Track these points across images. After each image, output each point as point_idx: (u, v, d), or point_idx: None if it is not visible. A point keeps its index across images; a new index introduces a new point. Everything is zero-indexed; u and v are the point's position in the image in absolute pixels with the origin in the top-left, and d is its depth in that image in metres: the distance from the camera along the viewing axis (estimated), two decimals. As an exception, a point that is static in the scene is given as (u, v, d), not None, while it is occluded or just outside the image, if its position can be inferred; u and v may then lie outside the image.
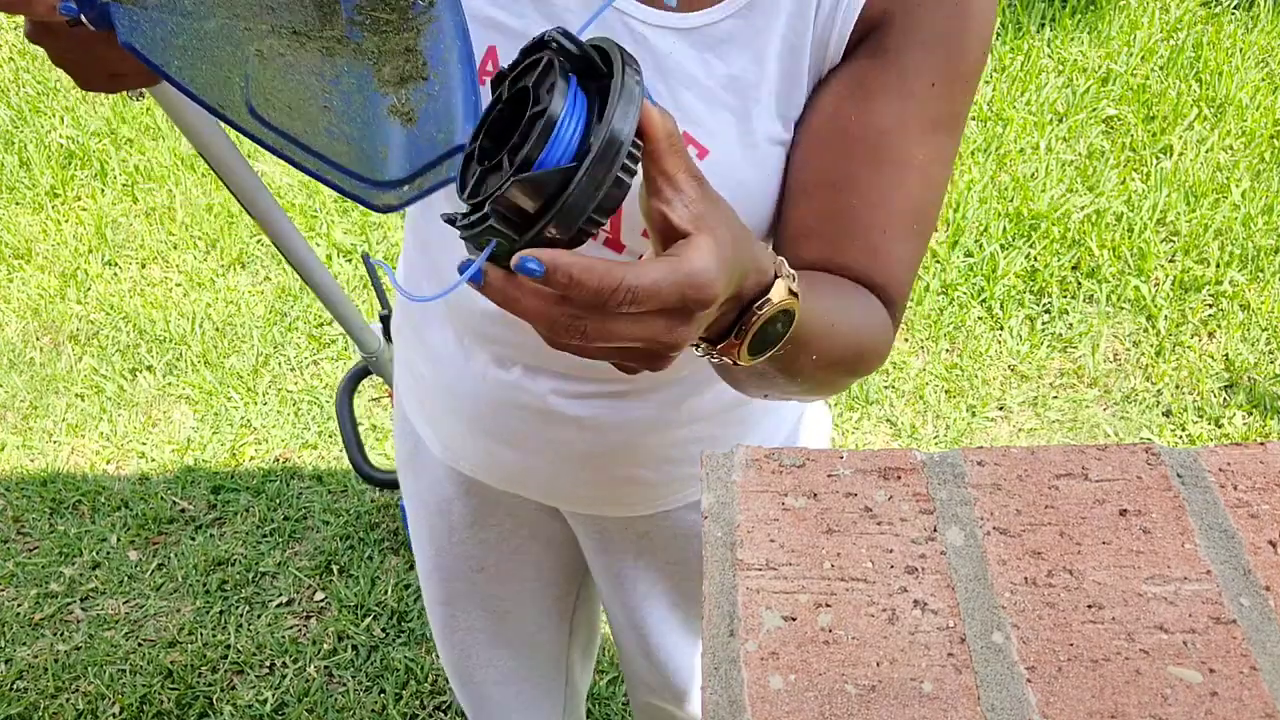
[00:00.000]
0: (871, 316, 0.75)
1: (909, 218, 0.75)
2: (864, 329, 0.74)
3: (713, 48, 0.74)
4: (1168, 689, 0.41)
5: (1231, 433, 2.25)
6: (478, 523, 1.09)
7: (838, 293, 0.73)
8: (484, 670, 1.22)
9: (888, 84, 0.73)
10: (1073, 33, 3.26)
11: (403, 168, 0.70)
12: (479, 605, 1.16)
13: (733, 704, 0.42)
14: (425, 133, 0.72)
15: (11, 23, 3.80)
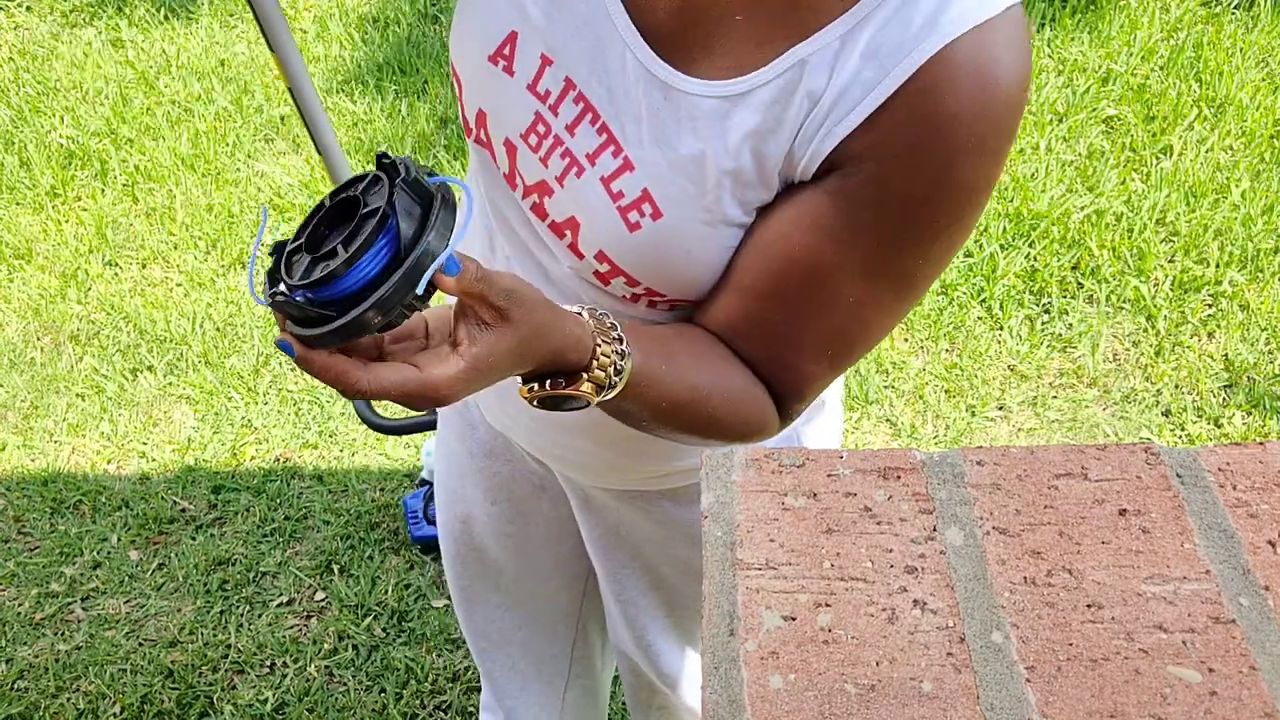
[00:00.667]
0: (745, 398, 0.80)
1: (825, 344, 0.78)
2: (726, 406, 0.79)
3: (692, 118, 0.73)
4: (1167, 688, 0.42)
5: (1231, 433, 2.25)
6: (492, 454, 1.13)
7: (708, 361, 0.80)
8: (491, 614, 1.26)
9: (836, 227, 0.72)
10: (1073, 33, 3.26)
11: None
12: (493, 539, 1.19)
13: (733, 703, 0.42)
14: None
15: (11, 22, 3.81)
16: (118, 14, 3.78)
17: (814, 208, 0.73)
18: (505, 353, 0.65)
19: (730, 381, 0.80)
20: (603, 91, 0.76)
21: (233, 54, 3.60)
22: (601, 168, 0.76)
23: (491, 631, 1.28)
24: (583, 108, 0.76)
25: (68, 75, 3.54)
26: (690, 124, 0.74)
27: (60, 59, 3.61)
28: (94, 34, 3.72)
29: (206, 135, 3.24)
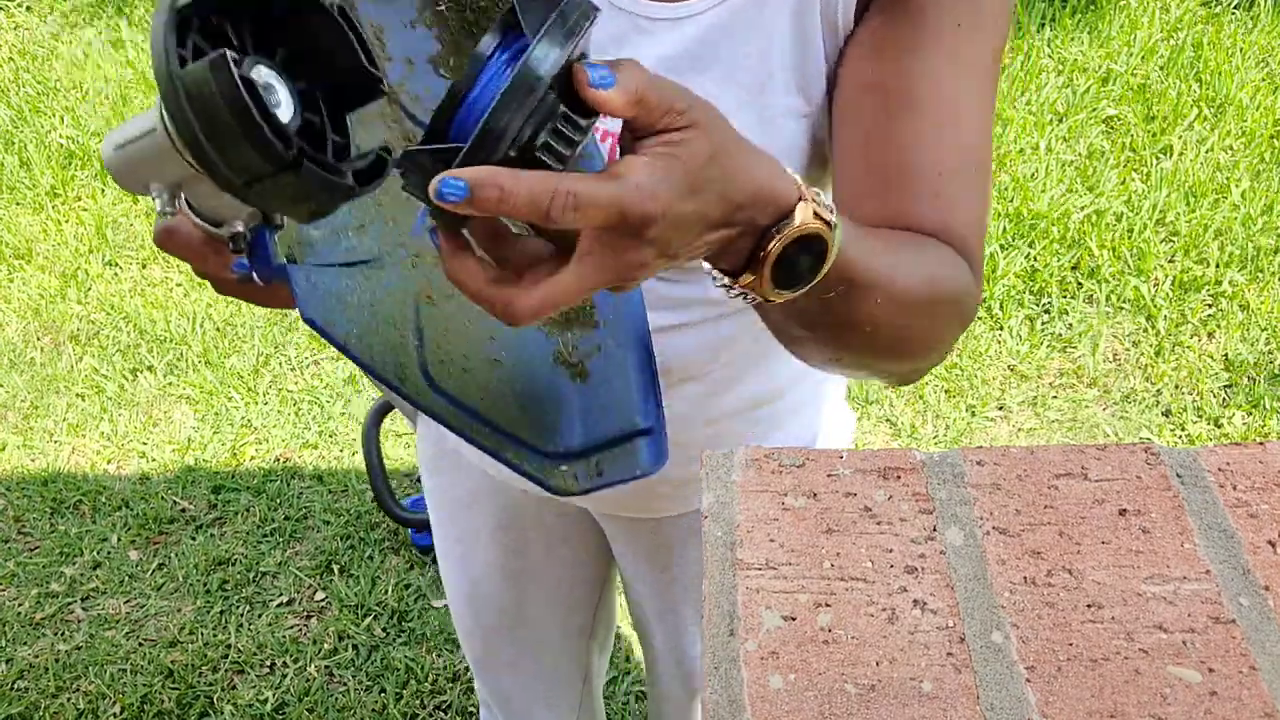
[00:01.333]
0: (945, 262, 0.68)
1: (960, 156, 0.71)
2: (938, 274, 0.66)
3: (720, 32, 0.73)
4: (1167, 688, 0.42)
5: (1231, 433, 2.25)
6: (503, 526, 1.09)
7: (900, 237, 0.67)
8: (505, 669, 1.22)
9: (909, 35, 0.70)
10: (1073, 33, 3.26)
11: (575, 436, 0.66)
12: (502, 607, 1.16)
13: (733, 703, 0.42)
14: (600, 398, 0.68)
15: (11, 22, 3.81)
16: (118, 14, 3.78)
17: (878, 35, 0.71)
18: (707, 161, 0.50)
19: (921, 240, 0.69)
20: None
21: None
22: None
23: (513, 693, 1.26)
24: None
25: (68, 75, 3.54)
26: (721, 35, 0.73)
27: (60, 59, 3.61)
28: (94, 34, 3.72)
29: (206, 135, 3.24)
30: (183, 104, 0.45)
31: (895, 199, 0.70)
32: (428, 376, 0.65)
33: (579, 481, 0.65)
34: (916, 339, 0.68)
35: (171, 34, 0.46)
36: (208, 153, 0.46)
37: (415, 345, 0.65)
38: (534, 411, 0.67)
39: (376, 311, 0.66)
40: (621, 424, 0.67)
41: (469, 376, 0.66)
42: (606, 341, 0.69)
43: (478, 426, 0.64)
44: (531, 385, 0.68)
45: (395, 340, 0.65)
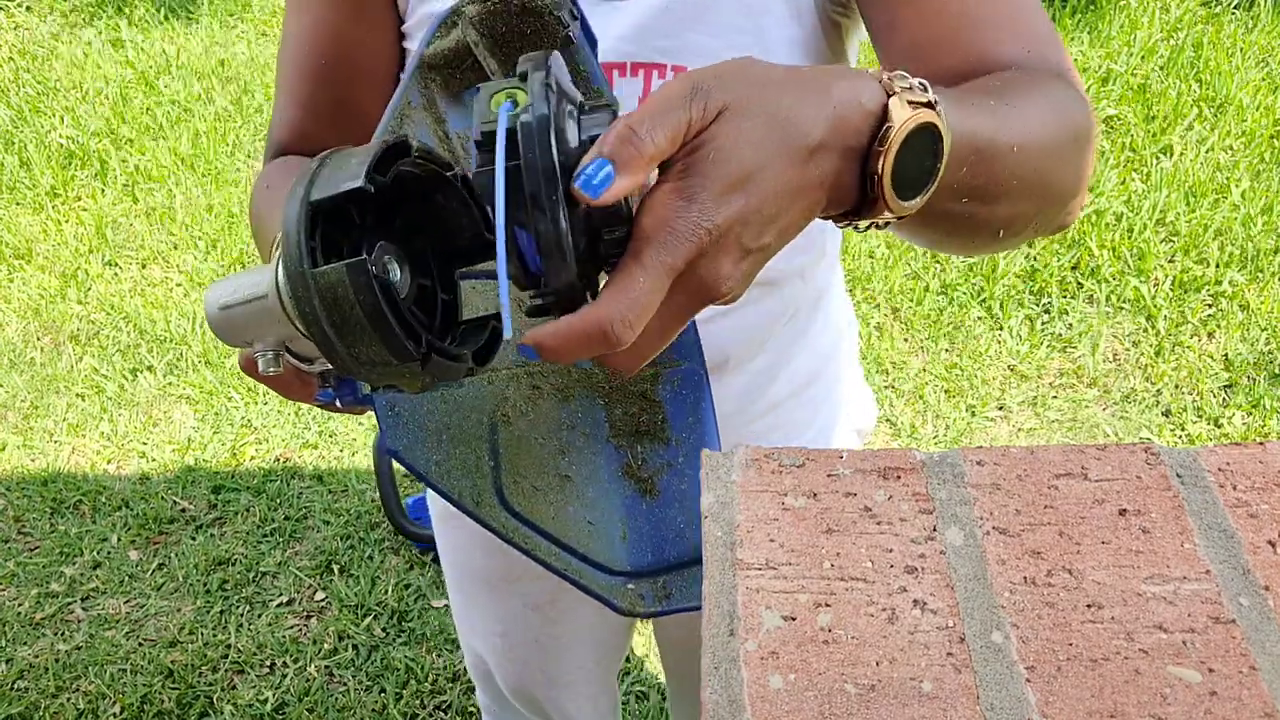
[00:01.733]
0: (1045, 83, 0.61)
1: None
2: (1049, 96, 0.60)
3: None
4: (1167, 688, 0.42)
5: (1231, 433, 2.25)
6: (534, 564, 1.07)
7: (993, 80, 0.61)
8: (546, 700, 1.20)
9: None
10: (1073, 33, 3.26)
11: (644, 555, 0.66)
12: (535, 643, 1.14)
13: (733, 703, 0.42)
14: (670, 518, 0.67)
15: (11, 22, 3.81)
16: (118, 14, 3.78)
17: None
18: (740, 137, 0.44)
19: (1020, 77, 0.62)
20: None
21: (232, 54, 3.60)
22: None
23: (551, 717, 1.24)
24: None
25: (68, 75, 3.54)
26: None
27: (60, 59, 3.61)
28: (94, 34, 3.72)
29: (206, 135, 3.24)
30: (314, 300, 0.45)
31: (970, 37, 0.65)
32: (501, 497, 0.65)
33: (645, 603, 0.64)
34: (1061, 170, 0.61)
35: (304, 229, 0.45)
36: (334, 345, 0.46)
37: (490, 466, 0.65)
38: (603, 528, 0.66)
39: (454, 434, 0.66)
40: (691, 547, 0.66)
41: (540, 495, 0.66)
42: (678, 459, 0.69)
43: (547, 546, 0.64)
44: (601, 501, 0.67)
45: (471, 462, 0.65)
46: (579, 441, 0.68)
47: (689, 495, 0.67)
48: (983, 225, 0.59)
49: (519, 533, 0.64)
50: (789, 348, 0.92)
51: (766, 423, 0.94)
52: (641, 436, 0.69)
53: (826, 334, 0.97)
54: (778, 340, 0.90)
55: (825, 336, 0.97)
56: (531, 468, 0.67)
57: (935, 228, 0.59)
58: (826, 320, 0.97)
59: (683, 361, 0.69)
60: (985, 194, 0.56)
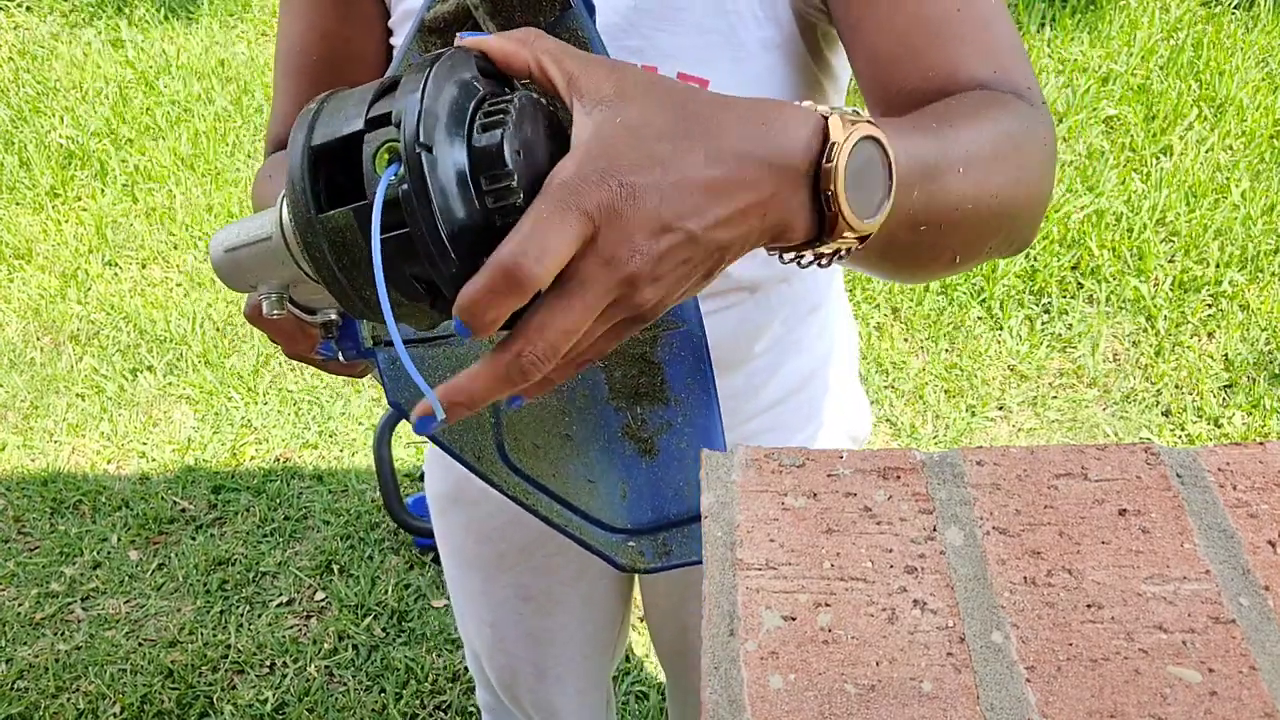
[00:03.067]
0: (1000, 104, 0.61)
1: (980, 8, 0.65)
2: (1001, 117, 0.60)
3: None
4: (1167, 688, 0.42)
5: (1231, 433, 2.25)
6: (527, 551, 1.07)
7: (943, 103, 0.61)
8: (533, 693, 1.21)
9: None
10: (1073, 33, 3.26)
11: (644, 513, 0.66)
12: (526, 634, 1.14)
13: (733, 703, 0.42)
14: (670, 477, 0.67)
15: (11, 22, 3.81)
16: (118, 14, 3.78)
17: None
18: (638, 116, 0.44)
19: (963, 96, 0.62)
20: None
21: (232, 54, 3.60)
22: None
23: (542, 715, 1.24)
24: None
25: (68, 75, 3.54)
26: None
27: (60, 59, 3.61)
28: (94, 34, 3.72)
29: (206, 135, 3.24)
30: (322, 245, 0.45)
31: (933, 54, 0.65)
32: (504, 455, 0.65)
33: (646, 559, 0.64)
34: (1019, 190, 0.61)
35: (308, 173, 0.45)
36: (344, 287, 0.46)
37: (492, 423, 0.65)
38: (603, 487, 0.66)
39: None
40: (691, 504, 0.66)
41: (541, 453, 0.66)
42: (677, 419, 0.69)
43: (548, 503, 0.65)
44: (601, 459, 0.67)
45: (474, 421, 0.65)
46: (579, 402, 0.68)
47: (687, 454, 0.67)
48: (939, 251, 0.59)
49: (520, 488, 0.64)
50: (781, 352, 0.92)
51: (757, 425, 0.94)
52: (641, 398, 0.69)
53: (822, 339, 0.97)
54: (769, 344, 0.90)
55: (821, 342, 0.97)
56: (532, 427, 0.67)
57: (892, 258, 0.58)
58: (823, 326, 0.97)
59: (681, 323, 0.70)
60: (939, 218, 0.56)
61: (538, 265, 0.42)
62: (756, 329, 0.88)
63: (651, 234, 0.44)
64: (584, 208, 0.42)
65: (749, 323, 0.87)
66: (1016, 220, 0.62)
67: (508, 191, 0.43)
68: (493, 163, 0.43)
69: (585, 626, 1.16)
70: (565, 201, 0.42)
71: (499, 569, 1.09)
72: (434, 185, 0.42)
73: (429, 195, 0.42)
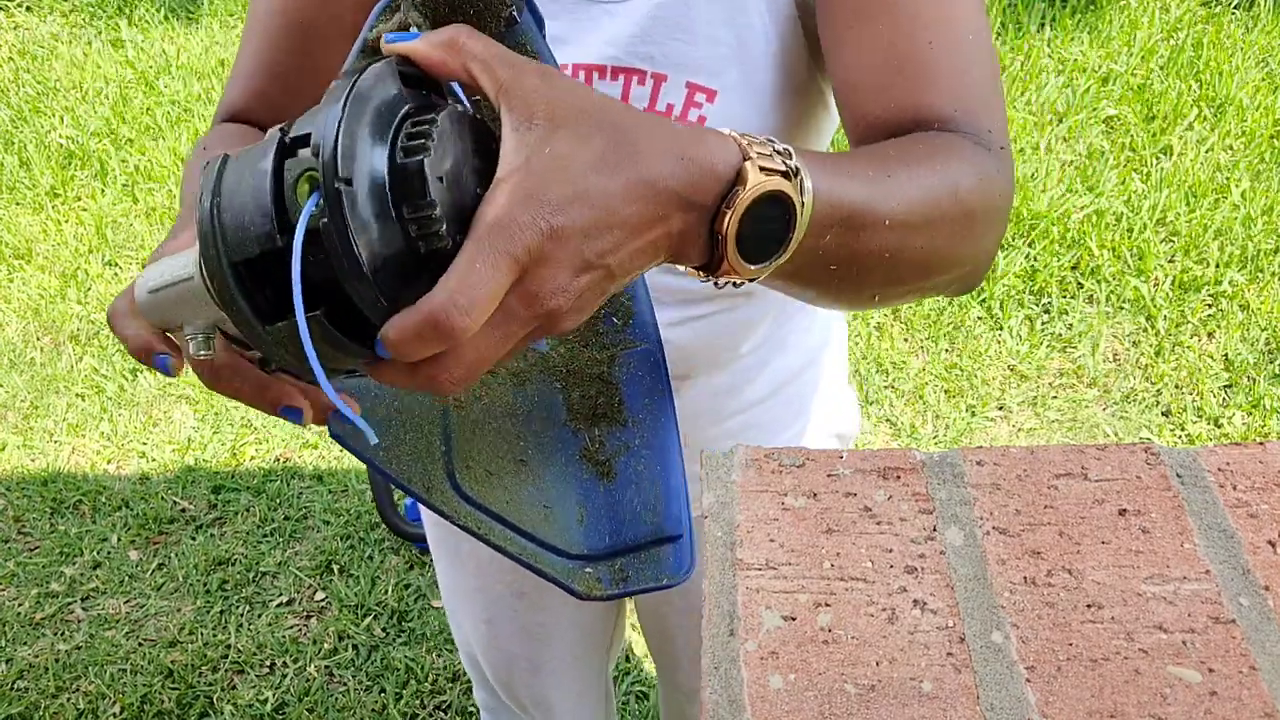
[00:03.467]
0: (960, 155, 0.61)
1: (950, 25, 0.66)
2: (953, 171, 0.60)
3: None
4: (1167, 688, 0.42)
5: (1231, 433, 2.25)
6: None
7: (897, 146, 0.61)
8: (528, 689, 1.21)
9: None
10: (1073, 33, 3.26)
11: (601, 538, 0.65)
12: (520, 630, 1.15)
13: (733, 703, 0.42)
14: (627, 501, 0.66)
15: (11, 22, 3.81)
16: (118, 14, 3.78)
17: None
18: (567, 144, 0.44)
19: (919, 138, 0.63)
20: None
21: (232, 54, 3.60)
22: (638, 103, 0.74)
23: (540, 712, 1.24)
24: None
25: (68, 75, 3.54)
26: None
27: (60, 59, 3.61)
28: (94, 34, 3.72)
29: (206, 135, 3.24)
30: (229, 284, 0.44)
31: (900, 86, 0.65)
32: (455, 484, 0.64)
33: (603, 586, 0.64)
34: (951, 247, 0.61)
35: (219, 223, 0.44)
36: (255, 328, 0.45)
37: (442, 452, 0.64)
38: (560, 512, 0.66)
39: (404, 420, 0.65)
40: (649, 530, 0.65)
41: (494, 479, 0.65)
42: (634, 441, 0.68)
43: (501, 531, 0.64)
44: (557, 484, 0.67)
45: (422, 448, 0.64)
46: (536, 425, 0.68)
47: (645, 477, 0.67)
48: (855, 291, 0.60)
49: (472, 517, 0.63)
50: (768, 351, 0.92)
51: (739, 421, 0.94)
52: (599, 419, 0.68)
53: (809, 337, 0.97)
54: (754, 344, 0.91)
55: (808, 339, 0.97)
56: (485, 452, 0.66)
57: (805, 289, 0.59)
58: (810, 324, 0.97)
59: (639, 343, 0.69)
60: (854, 263, 0.56)
61: (467, 317, 0.43)
62: (746, 330, 0.89)
63: (575, 272, 0.45)
64: (513, 253, 0.43)
65: (737, 325, 0.88)
66: (950, 270, 0.63)
67: (430, 221, 0.43)
68: (414, 193, 0.43)
69: (579, 621, 1.16)
70: (495, 247, 0.43)
71: (492, 565, 1.09)
72: (354, 219, 0.42)
73: (348, 230, 0.42)
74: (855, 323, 2.56)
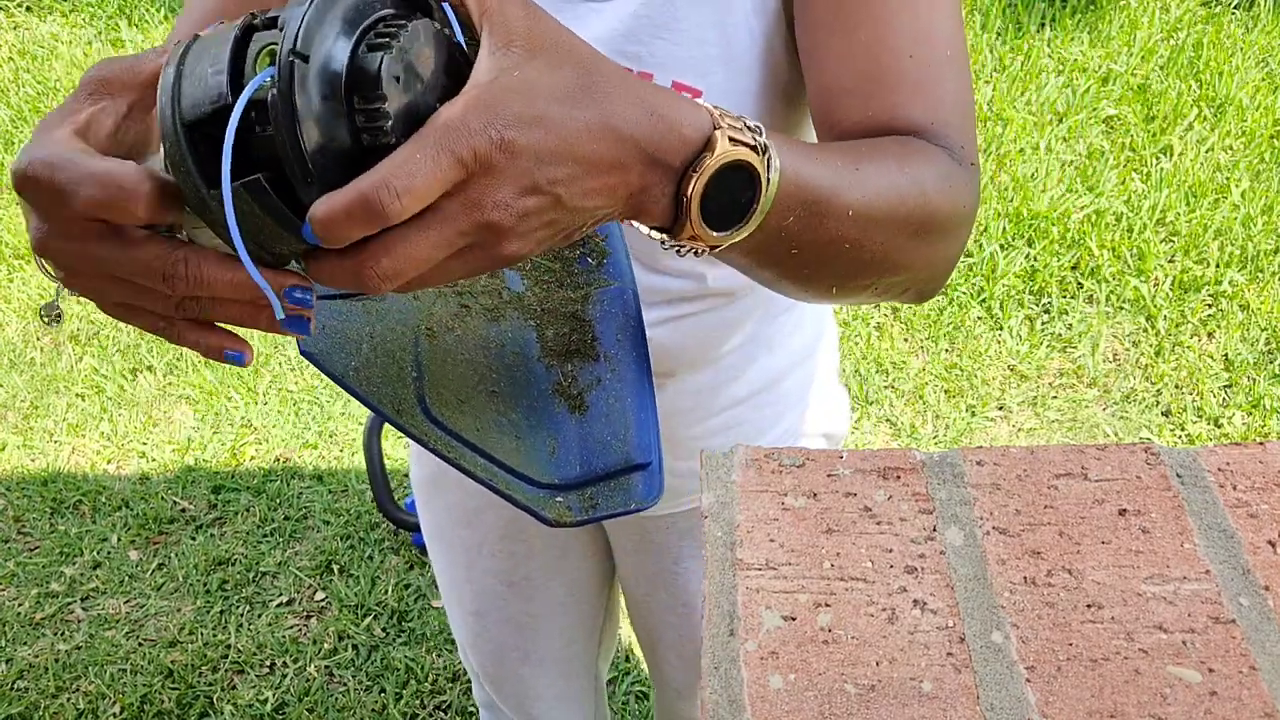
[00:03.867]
0: (929, 160, 0.63)
1: (927, 41, 0.67)
2: (920, 174, 0.61)
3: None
4: (1167, 688, 0.42)
5: (1231, 433, 2.25)
6: (508, 535, 1.08)
7: (868, 144, 0.63)
8: (518, 680, 1.21)
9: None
10: (1073, 33, 3.26)
11: (572, 468, 0.66)
12: (509, 620, 1.15)
13: (733, 703, 0.42)
14: (597, 432, 0.67)
15: (11, 22, 3.81)
16: (118, 14, 3.78)
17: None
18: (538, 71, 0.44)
19: (892, 142, 0.64)
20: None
21: (233, 54, 3.60)
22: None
23: (528, 702, 1.24)
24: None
25: (68, 75, 3.54)
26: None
27: (60, 59, 3.61)
28: (94, 34, 3.72)
29: (206, 135, 3.24)
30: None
31: (877, 96, 0.66)
32: (425, 408, 0.64)
33: (573, 513, 0.64)
34: (912, 247, 0.62)
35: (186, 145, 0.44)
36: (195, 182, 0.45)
37: (414, 378, 0.65)
38: (530, 442, 0.66)
39: (376, 344, 0.65)
40: (619, 458, 0.66)
41: (466, 407, 0.66)
42: (606, 375, 0.69)
43: (472, 457, 0.64)
44: (529, 417, 0.67)
45: (394, 373, 0.65)
46: (508, 359, 0.68)
47: (616, 410, 0.68)
48: (813, 278, 0.60)
49: (442, 440, 0.64)
50: (751, 351, 0.92)
51: (722, 420, 0.94)
52: (572, 355, 0.69)
53: (795, 337, 0.97)
54: (738, 343, 0.91)
55: (795, 340, 0.97)
56: (457, 381, 0.67)
57: (764, 269, 0.60)
58: (796, 324, 0.96)
59: (613, 282, 0.70)
60: (815, 249, 0.57)
61: (397, 201, 0.42)
62: (728, 330, 0.89)
63: (520, 191, 0.44)
64: (459, 153, 0.43)
65: (721, 325, 0.88)
66: (907, 271, 0.64)
67: (378, 114, 0.43)
68: (368, 83, 0.43)
69: (568, 612, 1.16)
70: (441, 143, 0.42)
71: (480, 554, 1.10)
72: (301, 95, 0.42)
73: (294, 103, 0.42)
74: (855, 323, 2.56)
